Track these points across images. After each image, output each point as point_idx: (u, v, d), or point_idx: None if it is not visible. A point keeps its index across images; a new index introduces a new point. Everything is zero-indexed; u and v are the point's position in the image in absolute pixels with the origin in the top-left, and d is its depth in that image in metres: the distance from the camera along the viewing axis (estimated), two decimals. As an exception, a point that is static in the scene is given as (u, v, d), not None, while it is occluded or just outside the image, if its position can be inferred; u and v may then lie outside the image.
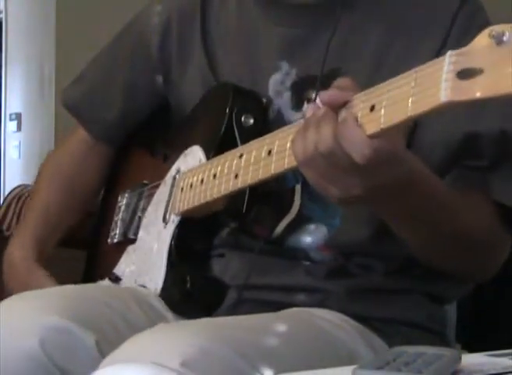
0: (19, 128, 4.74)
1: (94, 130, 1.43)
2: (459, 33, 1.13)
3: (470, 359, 0.82)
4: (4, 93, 5.01)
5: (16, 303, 1.07)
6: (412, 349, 0.81)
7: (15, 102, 4.86)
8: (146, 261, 1.23)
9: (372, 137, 0.88)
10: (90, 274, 1.41)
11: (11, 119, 4.83)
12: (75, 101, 1.44)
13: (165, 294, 1.18)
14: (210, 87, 1.25)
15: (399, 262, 1.17)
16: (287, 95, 1.19)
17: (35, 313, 1.03)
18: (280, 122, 1.17)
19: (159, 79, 1.33)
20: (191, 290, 1.16)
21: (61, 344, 1.01)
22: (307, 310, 1.14)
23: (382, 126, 0.86)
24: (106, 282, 1.29)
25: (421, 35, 1.15)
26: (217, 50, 1.26)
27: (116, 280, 1.28)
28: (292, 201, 1.15)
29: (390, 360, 0.77)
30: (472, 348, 1.01)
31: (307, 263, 1.17)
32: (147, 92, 1.36)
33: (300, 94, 1.18)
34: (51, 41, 4.20)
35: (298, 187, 1.15)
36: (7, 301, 1.08)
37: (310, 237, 1.17)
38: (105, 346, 1.02)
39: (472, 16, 1.15)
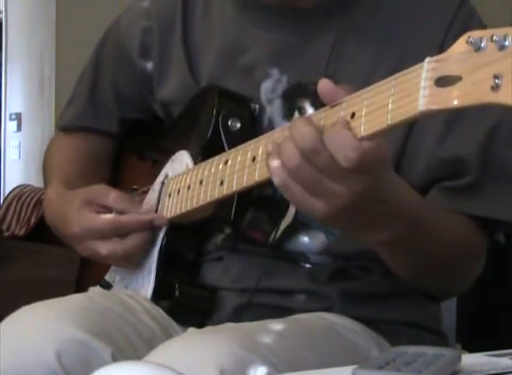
0: (19, 128, 4.74)
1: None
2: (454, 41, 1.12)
3: (470, 359, 0.82)
4: (4, 93, 5.01)
5: (31, 314, 1.05)
6: (412, 349, 0.81)
7: (15, 102, 4.86)
8: (135, 268, 1.22)
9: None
10: (82, 279, 1.40)
11: (11, 119, 4.83)
12: (69, 125, 1.42)
13: (156, 301, 1.17)
14: (197, 91, 1.22)
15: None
16: (278, 103, 1.17)
17: (51, 325, 1.01)
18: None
19: (144, 85, 1.30)
20: (180, 298, 1.15)
21: (77, 356, 1.00)
22: (320, 315, 1.13)
23: (362, 133, 0.85)
24: (98, 289, 1.28)
25: (417, 45, 1.13)
26: (200, 57, 1.24)
27: (107, 286, 1.27)
28: (287, 206, 1.12)
29: (390, 360, 0.77)
30: (472, 348, 1.01)
31: (308, 266, 1.17)
32: (136, 98, 1.34)
33: (291, 102, 1.16)
34: (51, 40, 4.20)
35: None
36: (20, 312, 1.05)
37: (308, 243, 1.16)
38: (121, 359, 1.01)
39: (467, 22, 1.14)
